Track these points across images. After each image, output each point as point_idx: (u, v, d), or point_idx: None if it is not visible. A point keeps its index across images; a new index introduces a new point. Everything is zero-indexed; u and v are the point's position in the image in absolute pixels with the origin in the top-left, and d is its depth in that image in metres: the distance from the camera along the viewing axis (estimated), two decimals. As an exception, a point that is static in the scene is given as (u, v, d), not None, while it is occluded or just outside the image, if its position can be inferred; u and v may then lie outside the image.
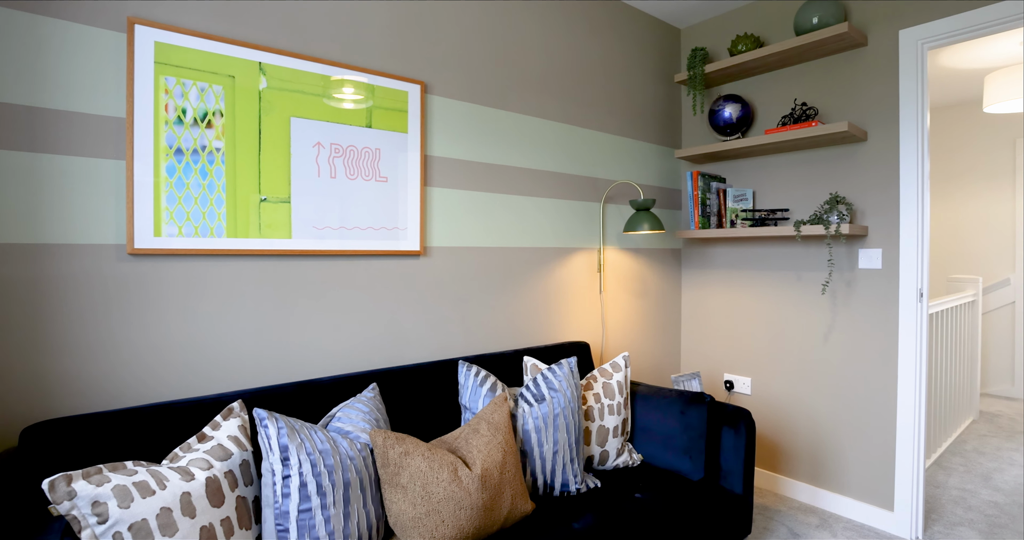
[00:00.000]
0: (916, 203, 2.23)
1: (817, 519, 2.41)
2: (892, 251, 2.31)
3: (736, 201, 2.76)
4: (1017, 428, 3.66)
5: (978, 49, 3.38)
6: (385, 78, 1.89)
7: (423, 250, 2.00)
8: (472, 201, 2.15)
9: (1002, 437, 3.48)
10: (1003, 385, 4.48)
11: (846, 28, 2.22)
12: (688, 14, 2.90)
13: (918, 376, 2.23)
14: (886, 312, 2.32)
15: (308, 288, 1.74)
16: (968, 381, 3.74)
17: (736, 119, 2.66)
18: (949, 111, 4.74)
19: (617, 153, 2.71)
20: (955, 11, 2.13)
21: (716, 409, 1.93)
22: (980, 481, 2.80)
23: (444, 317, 2.06)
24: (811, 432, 2.56)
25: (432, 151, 2.03)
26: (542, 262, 2.39)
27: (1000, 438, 3.46)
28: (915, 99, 2.23)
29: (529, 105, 2.34)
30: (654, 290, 2.91)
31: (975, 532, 2.28)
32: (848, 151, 2.44)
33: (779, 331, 2.67)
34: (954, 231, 4.73)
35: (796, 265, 2.60)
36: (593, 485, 1.74)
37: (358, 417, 1.41)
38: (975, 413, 3.89)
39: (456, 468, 1.32)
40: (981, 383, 4.59)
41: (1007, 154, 4.45)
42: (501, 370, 2.02)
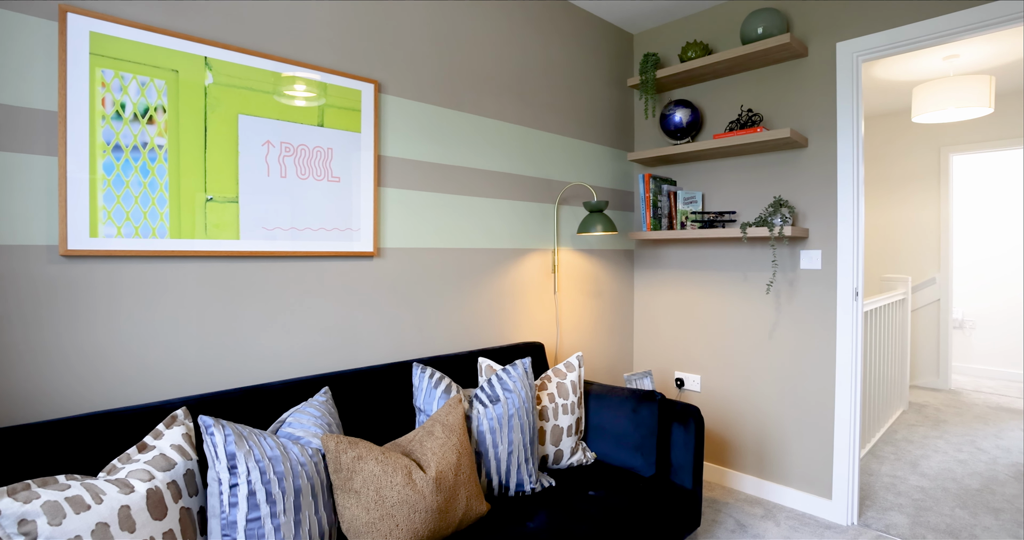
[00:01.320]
0: (852, 207, 2.36)
1: (762, 510, 2.51)
2: (831, 252, 2.43)
3: (686, 203, 2.84)
4: (942, 417, 3.92)
5: (908, 63, 3.60)
6: (338, 76, 1.86)
7: (377, 251, 1.97)
8: (427, 202, 2.14)
9: (928, 426, 3.72)
10: (929, 377, 4.78)
11: (788, 39, 2.33)
12: (641, 20, 2.97)
13: (854, 371, 2.36)
14: (825, 310, 2.44)
15: (257, 290, 1.69)
16: (899, 374, 3.98)
17: (686, 123, 2.74)
18: (882, 120, 5.02)
19: (571, 155, 2.75)
20: (887, 26, 2.26)
21: (667, 407, 1.99)
22: (909, 468, 2.99)
23: (398, 319, 2.04)
24: (757, 426, 2.67)
25: (386, 151, 2.01)
26: (497, 263, 2.40)
27: (926, 427, 3.70)
28: (851, 108, 2.35)
29: (484, 106, 2.35)
30: (607, 290, 2.96)
31: (904, 516, 2.44)
32: (791, 156, 2.55)
33: (727, 329, 2.77)
34: (886, 233, 5.02)
35: (743, 265, 2.71)
36: (548, 484, 1.77)
37: (310, 422, 1.38)
38: (905, 404, 4.14)
39: (410, 471, 1.31)
40: (910, 376, 4.89)
41: (933, 161, 4.75)
42: (456, 371, 2.02)
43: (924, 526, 2.34)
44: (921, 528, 2.33)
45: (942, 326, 4.73)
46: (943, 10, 2.12)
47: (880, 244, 5.07)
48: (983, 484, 2.78)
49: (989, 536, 2.27)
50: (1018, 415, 3.98)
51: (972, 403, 4.29)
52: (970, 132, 4.56)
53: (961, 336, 5.30)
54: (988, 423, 3.79)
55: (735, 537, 2.26)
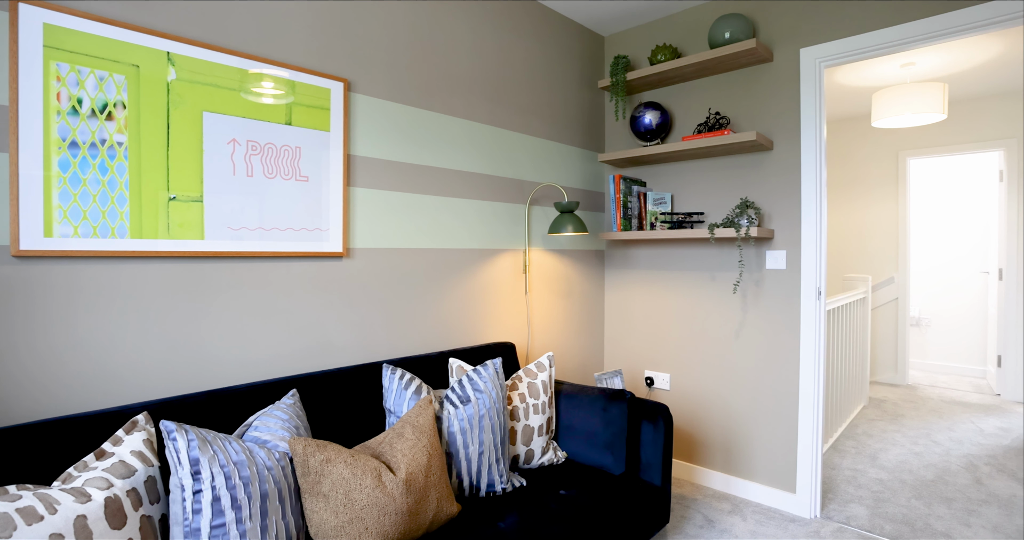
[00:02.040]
0: (815, 208, 2.42)
1: (730, 505, 2.56)
2: (795, 253, 2.49)
3: (656, 204, 2.88)
4: (899, 412, 4.06)
5: (868, 69, 3.72)
6: (306, 74, 1.83)
7: (346, 251, 1.95)
8: (397, 202, 2.13)
9: (887, 420, 3.85)
10: (888, 373, 4.95)
11: (754, 44, 2.38)
12: (612, 23, 3.00)
13: (817, 368, 2.43)
14: (790, 309, 2.51)
15: (223, 291, 1.65)
16: (859, 370, 4.11)
17: (656, 125, 2.78)
18: (844, 124, 5.18)
19: (542, 156, 2.76)
20: (848, 34, 2.33)
21: (636, 405, 2.01)
22: (868, 461, 3.09)
23: (368, 320, 2.02)
24: (724, 423, 2.73)
25: (356, 150, 1.99)
26: (468, 263, 2.40)
27: (885, 421, 3.83)
28: (814, 112, 2.42)
29: (455, 106, 2.34)
30: (578, 290, 2.99)
31: (863, 507, 2.52)
32: (757, 159, 2.61)
33: (695, 328, 2.82)
34: (848, 234, 5.18)
35: (711, 266, 2.76)
36: (519, 484, 1.77)
37: (277, 425, 1.36)
38: (865, 399, 4.28)
39: (380, 473, 1.30)
40: (870, 372, 5.05)
41: (891, 164, 4.92)
42: (427, 372, 2.01)
43: (882, 517, 2.43)
44: (880, 519, 2.41)
45: (900, 324, 4.90)
46: (900, 19, 2.20)
47: (842, 244, 5.23)
48: (937, 475, 2.90)
49: (942, 525, 2.36)
50: (969, 408, 4.15)
51: (927, 397, 4.46)
52: (926, 137, 4.74)
53: (918, 333, 5.50)
54: (942, 416, 3.95)
55: (703, 532, 2.30)
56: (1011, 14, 1.95)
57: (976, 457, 3.16)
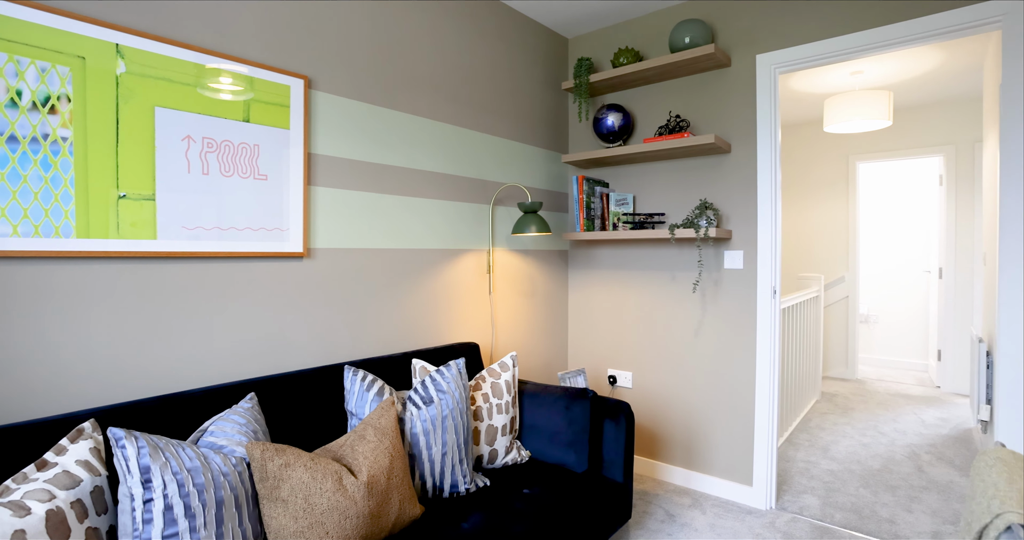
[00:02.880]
0: (770, 210, 2.51)
1: (690, 499, 2.63)
2: (751, 253, 2.57)
3: (618, 205, 2.93)
4: (850, 405, 4.24)
5: (820, 76, 3.86)
6: (265, 70, 1.79)
7: (307, 252, 1.92)
8: (359, 201, 2.10)
9: (838, 413, 4.01)
10: (840, 368, 5.16)
11: (712, 49, 2.44)
12: (576, 25, 3.03)
13: (772, 365, 2.51)
14: (747, 308, 2.58)
15: (178, 293, 1.60)
16: (813, 366, 4.27)
17: (618, 127, 2.82)
18: (798, 128, 5.36)
19: (506, 156, 2.77)
20: (801, 42, 2.42)
21: (599, 403, 2.04)
22: (820, 453, 3.21)
23: (330, 321, 1.99)
24: (685, 420, 2.80)
25: (316, 149, 1.95)
26: (432, 263, 2.39)
27: (836, 414, 3.99)
28: (769, 117, 2.50)
29: (419, 105, 2.32)
30: (542, 290, 3.01)
31: (816, 497, 2.62)
32: (715, 161, 2.68)
33: (657, 327, 2.88)
34: (802, 234, 5.37)
35: (671, 265, 2.82)
36: (482, 484, 1.78)
37: (234, 430, 1.32)
38: (818, 394, 4.44)
39: (341, 477, 1.28)
40: (823, 367, 5.25)
41: (842, 168, 5.13)
42: (390, 374, 1.99)
43: (833, 506, 2.53)
44: (830, 508, 2.51)
45: (850, 321, 5.11)
46: (850, 29, 2.29)
47: (796, 245, 5.41)
48: (883, 465, 3.04)
49: (887, 511, 2.48)
50: (913, 400, 4.37)
51: (875, 391, 4.67)
52: (873, 142, 4.95)
53: (866, 330, 5.75)
54: (888, 409, 4.14)
55: (664, 527, 2.35)
56: (950, 27, 2.06)
57: (918, 446, 3.33)
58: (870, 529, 2.33)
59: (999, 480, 0.80)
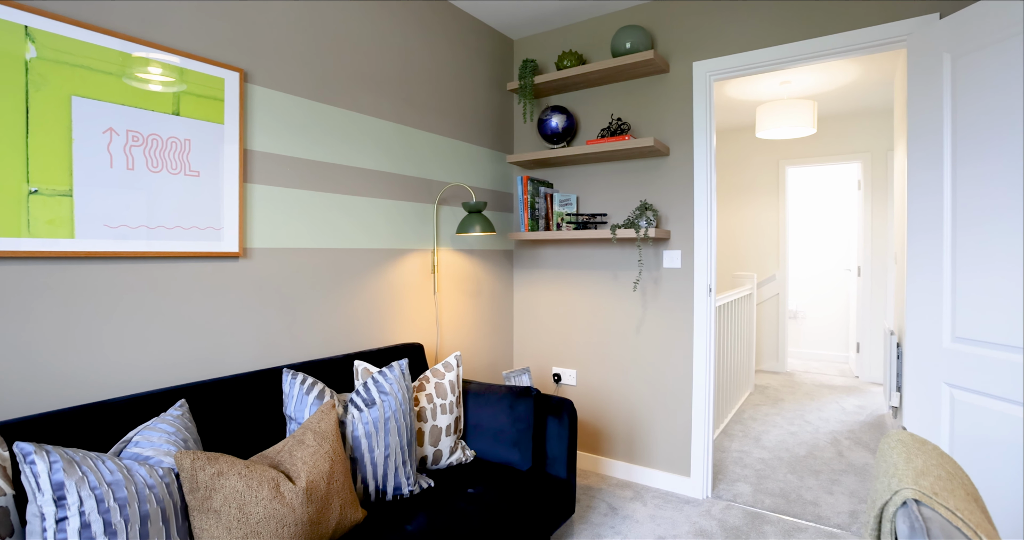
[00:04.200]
0: (706, 211, 2.61)
1: (632, 492, 2.71)
2: (689, 252, 2.67)
3: (562, 205, 2.97)
4: (780, 397, 4.48)
5: (752, 85, 4.05)
6: (198, 62, 1.71)
7: (243, 251, 1.85)
8: (299, 200, 2.04)
9: (769, 405, 4.23)
10: (771, 362, 5.44)
11: (652, 55, 2.52)
12: (521, 27, 3.05)
13: (708, 360, 2.62)
14: (684, 305, 2.68)
15: (101, 296, 1.50)
16: (746, 360, 4.49)
17: (562, 129, 2.87)
18: (733, 134, 5.61)
19: (451, 155, 2.76)
20: (735, 51, 2.53)
21: (542, 401, 2.07)
22: (753, 443, 3.38)
23: (268, 323, 1.93)
24: (627, 415, 2.88)
25: (253, 145, 1.88)
26: (375, 263, 2.35)
27: (768, 406, 4.21)
28: (705, 121, 2.61)
29: (362, 103, 2.28)
30: (487, 290, 3.02)
31: (748, 485, 2.76)
32: (655, 164, 2.77)
33: (600, 325, 2.94)
34: (737, 235, 5.62)
35: (613, 265, 2.89)
36: (427, 485, 1.77)
37: (161, 439, 1.26)
38: (751, 386, 4.67)
39: (278, 483, 1.25)
40: (756, 361, 5.53)
41: (773, 172, 5.41)
42: (331, 376, 1.95)
43: (763, 492, 2.67)
44: (761, 494, 2.65)
45: (781, 317, 5.40)
46: (779, 41, 2.42)
47: (732, 245, 5.66)
48: (808, 451, 3.23)
49: (811, 494, 2.64)
50: (835, 390, 4.66)
51: (802, 382, 4.96)
52: (801, 148, 5.25)
53: (795, 325, 6.08)
54: (814, 399, 4.40)
55: (607, 520, 2.41)
56: (864, 43, 2.21)
57: (839, 433, 3.56)
58: (796, 512, 2.47)
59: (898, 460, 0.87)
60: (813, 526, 2.35)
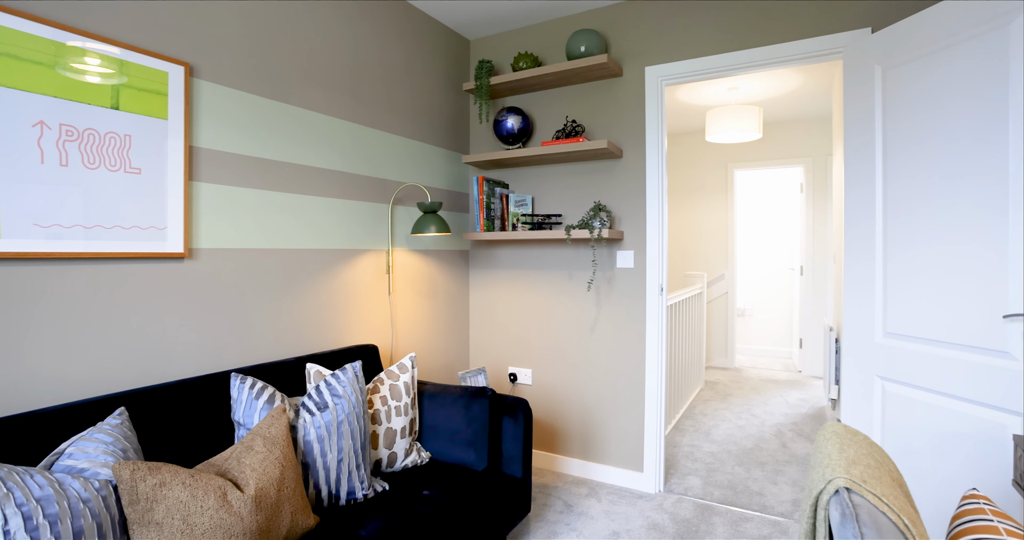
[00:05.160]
0: (658, 212, 2.68)
1: (587, 489, 2.75)
2: (641, 253, 2.74)
3: (517, 206, 2.99)
4: (728, 392, 4.64)
5: (702, 90, 4.18)
6: (139, 54, 1.64)
7: (188, 252, 1.78)
8: (249, 199, 1.98)
9: (719, 400, 4.38)
10: (721, 358, 5.63)
11: (606, 59, 2.57)
12: (477, 27, 3.05)
13: (660, 357, 2.70)
14: (637, 304, 2.75)
15: (31, 299, 1.42)
16: (697, 357, 4.63)
17: (518, 130, 2.89)
18: (685, 137, 5.77)
19: (407, 155, 2.74)
20: (685, 57, 2.61)
21: (498, 401, 2.08)
22: (703, 437, 3.49)
23: (216, 326, 1.86)
24: (582, 413, 2.92)
25: (200, 142, 1.82)
26: (328, 264, 2.31)
27: (717, 401, 4.35)
28: (656, 125, 2.68)
29: (315, 101, 2.23)
30: (443, 290, 3.01)
31: (698, 478, 2.85)
32: (608, 165, 2.82)
33: (555, 325, 2.98)
34: (688, 235, 5.79)
35: (568, 265, 2.93)
36: (381, 489, 1.75)
37: (98, 450, 1.20)
38: (702, 382, 4.82)
39: (225, 492, 1.21)
40: (706, 358, 5.70)
41: (722, 175, 5.59)
42: (282, 380, 1.91)
43: (713, 484, 2.77)
44: (711, 487, 2.74)
45: (729, 314, 5.59)
46: (725, 49, 2.51)
47: (684, 245, 5.83)
48: (755, 444, 3.36)
49: (757, 485, 2.75)
50: (780, 385, 4.87)
51: (749, 377, 5.15)
52: (748, 152, 5.45)
53: (743, 322, 6.31)
54: (760, 393, 4.58)
55: (562, 517, 2.45)
56: (804, 54, 2.32)
57: (783, 425, 3.72)
58: (743, 502, 2.57)
59: (832, 451, 0.92)
60: (759, 516, 2.45)
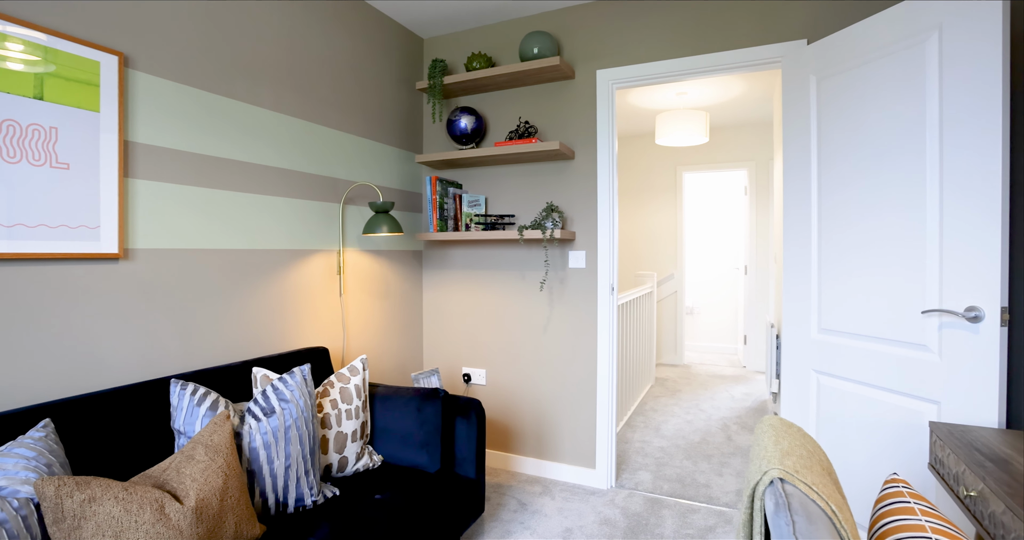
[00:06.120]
0: (609, 213, 2.73)
1: (541, 487, 2.78)
2: (593, 253, 2.78)
3: (471, 206, 2.99)
4: (678, 388, 4.78)
5: (652, 94, 4.29)
6: (67, 41, 1.54)
7: (123, 253, 1.69)
8: (191, 197, 1.90)
9: (668, 396, 4.50)
10: (671, 355, 5.79)
11: (558, 61, 2.60)
12: (431, 26, 3.03)
13: (611, 355, 2.75)
14: (588, 304, 2.79)
15: (-62, 304, 1.32)
16: (648, 354, 4.74)
17: (471, 130, 2.88)
18: (636, 140, 5.90)
19: (358, 154, 2.69)
20: (635, 62, 2.67)
21: (450, 402, 2.07)
22: (653, 432, 3.58)
23: (155, 330, 1.78)
24: (536, 412, 2.95)
25: (136, 137, 1.73)
26: (277, 265, 2.24)
27: (667, 397, 4.47)
28: (607, 127, 2.73)
29: (263, 96, 2.17)
30: (396, 291, 2.97)
31: (648, 473, 2.92)
32: (561, 166, 2.86)
33: (508, 324, 2.99)
34: (639, 236, 5.93)
35: (521, 265, 2.95)
36: (331, 494, 1.72)
37: (17, 466, 1.13)
38: (653, 379, 4.94)
39: (163, 505, 1.16)
40: (657, 355, 5.85)
41: (671, 177, 5.75)
42: (228, 385, 1.84)
43: (662, 478, 2.84)
44: (660, 480, 2.82)
45: (678, 313, 5.75)
46: (672, 56, 2.58)
47: (635, 245, 5.96)
48: (702, 438, 3.48)
49: (704, 477, 2.84)
50: (726, 380, 5.05)
51: (698, 374, 5.32)
52: (695, 155, 5.62)
53: (691, 320, 6.51)
54: (707, 388, 4.74)
55: (516, 516, 2.46)
56: (746, 62, 2.41)
57: (728, 419, 3.86)
58: (691, 495, 2.65)
59: (768, 443, 0.97)
60: (705, 507, 2.53)
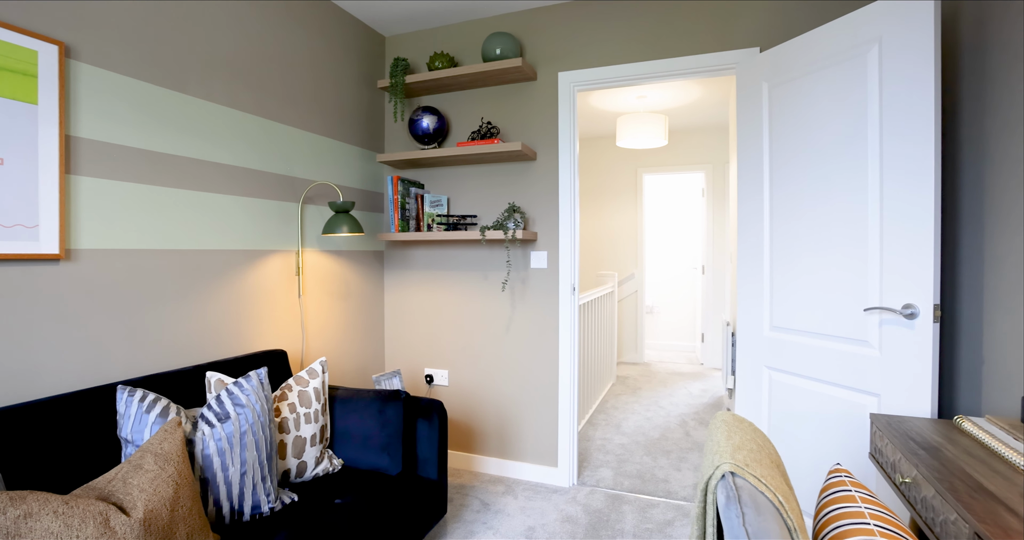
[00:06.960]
0: (570, 214, 2.76)
1: (504, 487, 2.79)
2: (554, 253, 2.81)
3: (433, 206, 2.98)
4: (638, 385, 4.87)
5: (613, 97, 4.35)
6: (1, 29, 1.46)
7: (65, 253, 1.61)
8: (142, 196, 1.83)
9: (629, 393, 4.58)
10: (631, 354, 5.89)
11: (520, 63, 2.61)
12: (393, 24, 2.99)
13: (573, 354, 2.78)
14: (550, 304, 2.82)
15: None
16: (609, 353, 4.81)
17: (433, 130, 2.87)
18: (597, 141, 5.98)
19: (318, 153, 2.64)
20: (596, 65, 2.70)
21: (412, 404, 2.06)
22: (614, 430, 3.64)
23: (100, 335, 1.70)
24: (498, 412, 2.95)
25: (79, 131, 1.65)
26: (233, 266, 2.18)
27: (627, 395, 4.55)
28: (569, 129, 2.76)
29: (217, 92, 2.10)
30: (357, 292, 2.93)
31: (609, 469, 2.97)
32: (523, 167, 2.87)
33: (471, 325, 2.99)
34: (600, 236, 6.01)
35: (483, 265, 2.95)
36: (289, 500, 1.68)
37: (-49, 478, 1.06)
38: (614, 378, 5.02)
39: (107, 518, 1.11)
40: (618, 354, 5.95)
41: (632, 178, 5.85)
42: (180, 390, 1.78)
43: (623, 475, 2.89)
44: (621, 477, 2.87)
45: (639, 312, 5.86)
46: (631, 60, 2.63)
47: (596, 246, 6.04)
48: (661, 434, 3.56)
49: (663, 473, 2.91)
50: (684, 377, 5.17)
51: (657, 371, 5.43)
52: (655, 157, 5.74)
53: (651, 319, 6.64)
54: (667, 385, 4.85)
55: (479, 516, 2.46)
56: (702, 68, 2.48)
57: (687, 415, 3.96)
58: (650, 490, 2.71)
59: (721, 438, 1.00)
60: (664, 501, 2.59)
